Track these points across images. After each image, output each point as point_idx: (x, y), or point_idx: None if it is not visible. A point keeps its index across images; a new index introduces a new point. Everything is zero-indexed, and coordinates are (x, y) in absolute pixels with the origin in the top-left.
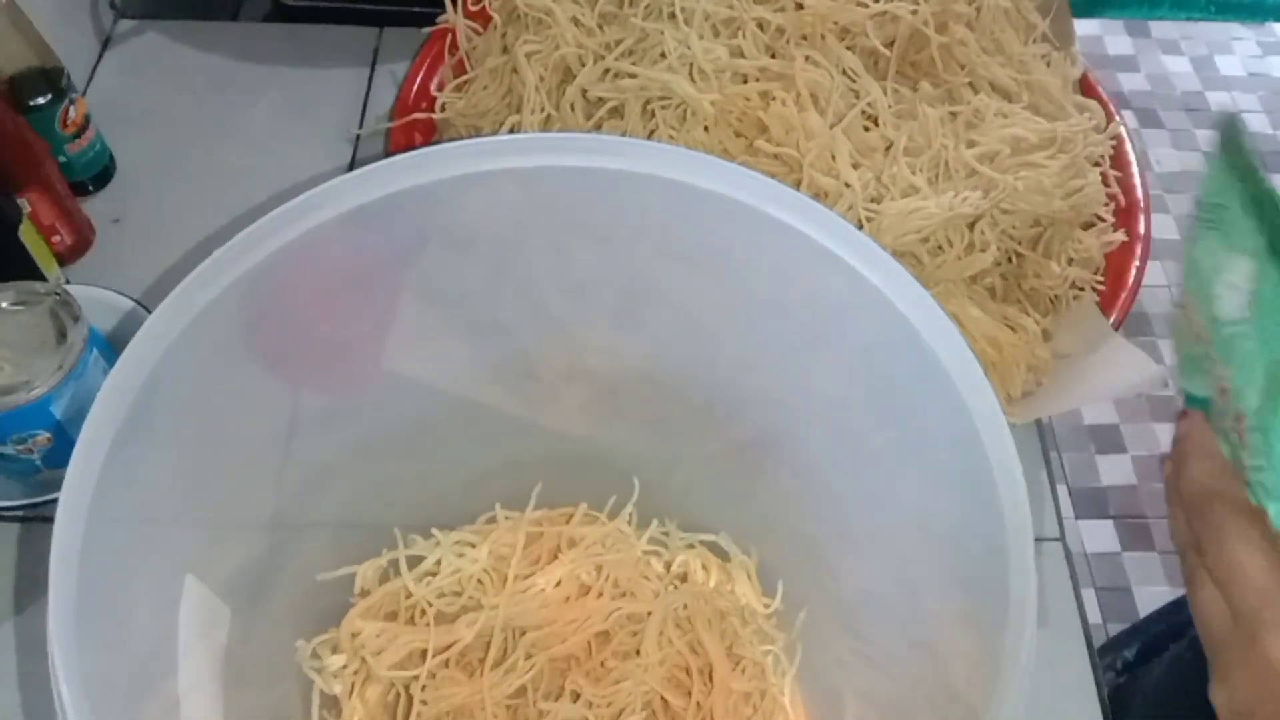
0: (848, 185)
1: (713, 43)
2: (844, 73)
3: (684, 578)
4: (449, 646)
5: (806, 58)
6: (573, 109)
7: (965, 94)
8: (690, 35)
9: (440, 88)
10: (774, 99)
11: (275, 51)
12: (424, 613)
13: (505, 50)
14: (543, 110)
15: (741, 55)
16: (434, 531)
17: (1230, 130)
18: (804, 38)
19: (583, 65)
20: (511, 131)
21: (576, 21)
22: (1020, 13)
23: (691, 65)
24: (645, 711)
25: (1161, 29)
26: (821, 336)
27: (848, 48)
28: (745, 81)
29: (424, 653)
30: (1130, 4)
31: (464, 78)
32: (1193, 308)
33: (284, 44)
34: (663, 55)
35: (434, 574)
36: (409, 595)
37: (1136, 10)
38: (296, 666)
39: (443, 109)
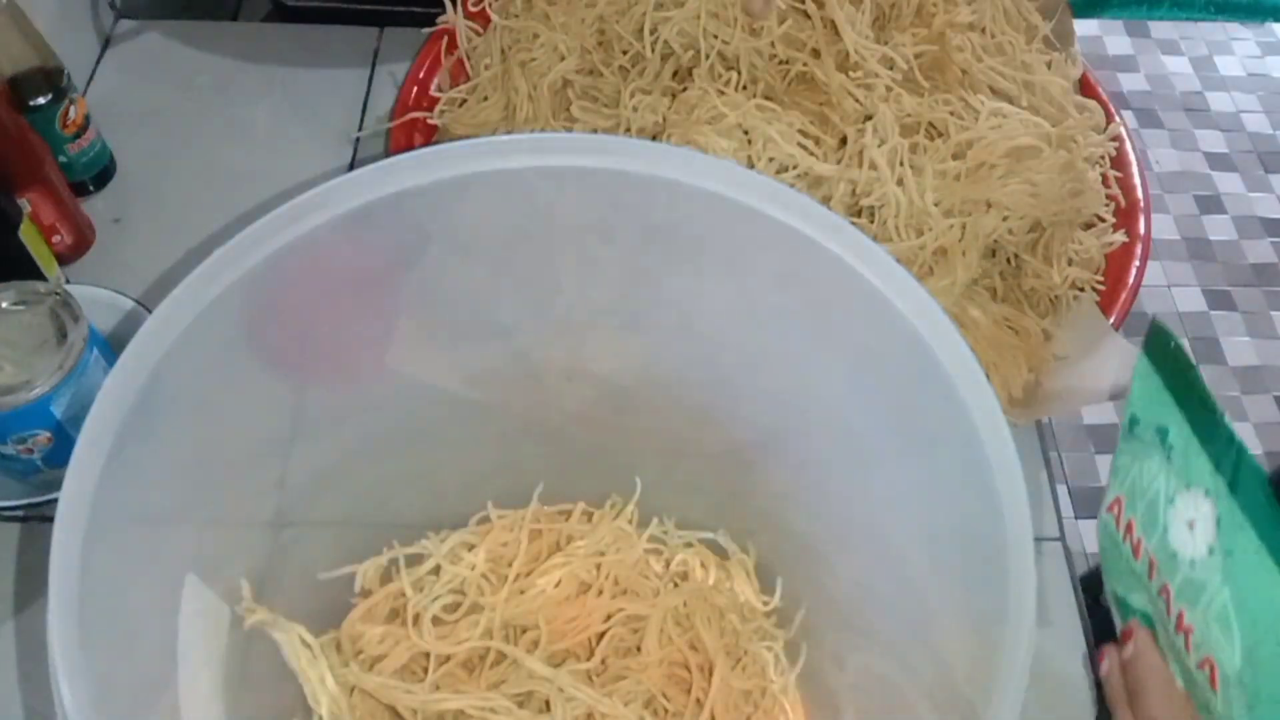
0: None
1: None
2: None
3: (684, 576)
4: (451, 656)
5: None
6: (570, 130)
7: (965, 96)
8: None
9: (441, 89)
10: None
11: (275, 52)
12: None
13: (504, 55)
14: (536, 119)
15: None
16: (431, 533)
17: (1162, 345)
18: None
19: (578, 72)
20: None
21: (569, 27)
22: (1021, 14)
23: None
24: (646, 709)
25: (1161, 29)
26: (821, 337)
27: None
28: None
29: (426, 654)
30: (1130, 4)
31: (463, 86)
32: (1127, 521)
33: (284, 44)
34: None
35: (435, 573)
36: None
37: (1136, 10)
38: None
39: (440, 114)
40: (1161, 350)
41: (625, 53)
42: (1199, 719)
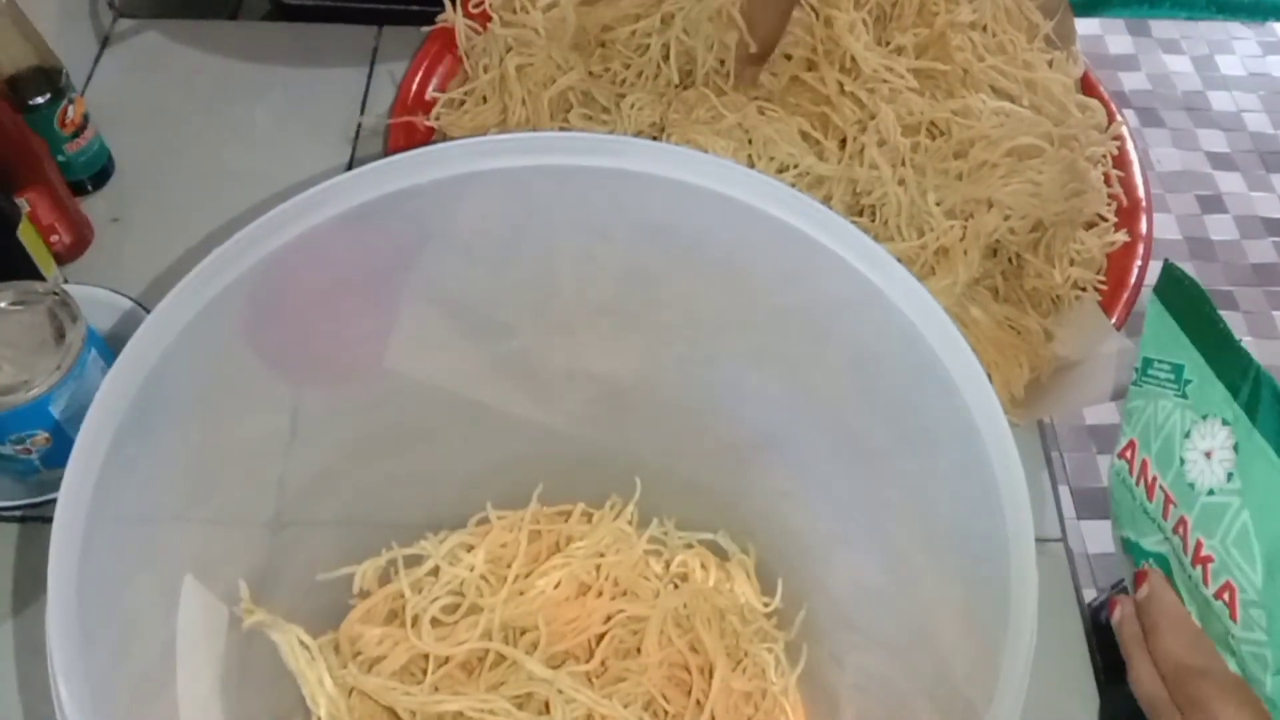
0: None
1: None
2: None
3: (684, 577)
4: (450, 658)
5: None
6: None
7: (966, 95)
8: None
9: (440, 90)
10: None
11: (274, 51)
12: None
13: (502, 59)
14: (532, 123)
15: None
16: (430, 534)
17: (1174, 283)
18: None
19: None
20: None
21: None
22: (1023, 13)
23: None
24: (646, 710)
25: (1162, 28)
26: (822, 336)
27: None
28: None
29: (425, 656)
30: (1131, 3)
31: (462, 89)
32: (1140, 462)
33: (283, 43)
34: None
35: (434, 574)
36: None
37: (1137, 9)
38: None
39: (437, 118)
40: (1175, 288)
41: (627, 65)
42: (1216, 653)
